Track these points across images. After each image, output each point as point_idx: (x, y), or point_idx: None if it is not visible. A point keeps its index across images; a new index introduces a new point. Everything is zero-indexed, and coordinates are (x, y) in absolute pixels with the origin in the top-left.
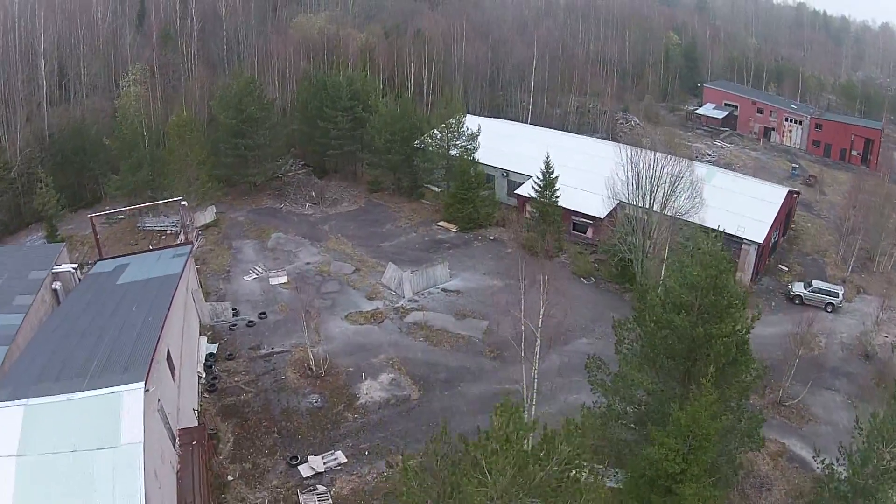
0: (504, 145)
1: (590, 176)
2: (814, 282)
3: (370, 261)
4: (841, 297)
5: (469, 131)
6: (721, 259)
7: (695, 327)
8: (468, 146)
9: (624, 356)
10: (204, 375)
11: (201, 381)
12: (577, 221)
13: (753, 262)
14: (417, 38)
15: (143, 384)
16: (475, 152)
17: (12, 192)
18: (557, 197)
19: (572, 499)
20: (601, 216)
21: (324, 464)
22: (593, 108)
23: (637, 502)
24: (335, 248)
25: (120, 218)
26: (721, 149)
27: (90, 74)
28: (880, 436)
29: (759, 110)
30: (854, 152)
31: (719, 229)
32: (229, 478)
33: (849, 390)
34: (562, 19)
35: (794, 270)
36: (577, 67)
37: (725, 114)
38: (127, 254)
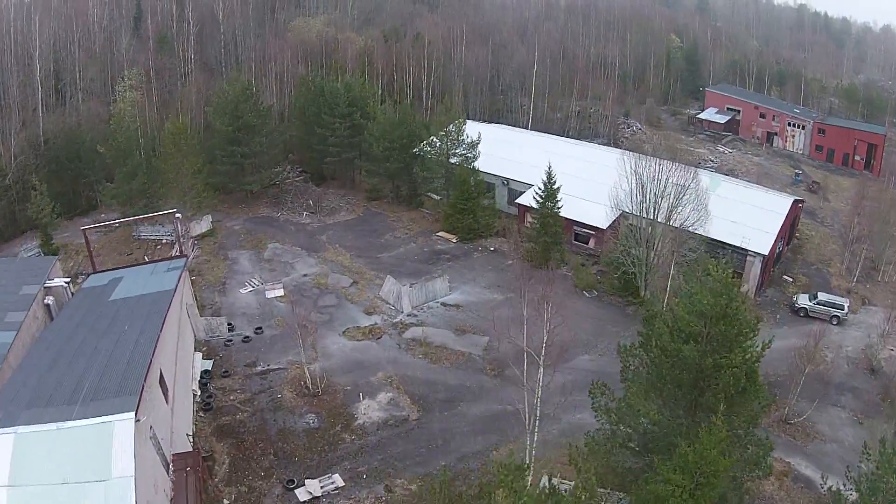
0: (505, 152)
1: (592, 184)
2: (819, 294)
3: (368, 273)
4: (846, 309)
5: (469, 139)
6: (732, 286)
7: (704, 357)
8: (468, 154)
9: (629, 384)
10: (199, 393)
11: (196, 400)
12: (578, 232)
13: (758, 274)
14: (416, 42)
15: (134, 414)
16: (475, 161)
17: (7, 199)
18: (559, 208)
19: None
20: (603, 227)
21: (321, 488)
22: (594, 112)
23: None
24: (333, 259)
25: (115, 227)
26: (724, 154)
27: (86, 79)
28: (890, 466)
29: (762, 115)
30: (857, 157)
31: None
32: (225, 502)
33: (854, 406)
34: (562, 21)
35: (799, 281)
36: (578, 71)
37: (728, 118)
38: (121, 266)
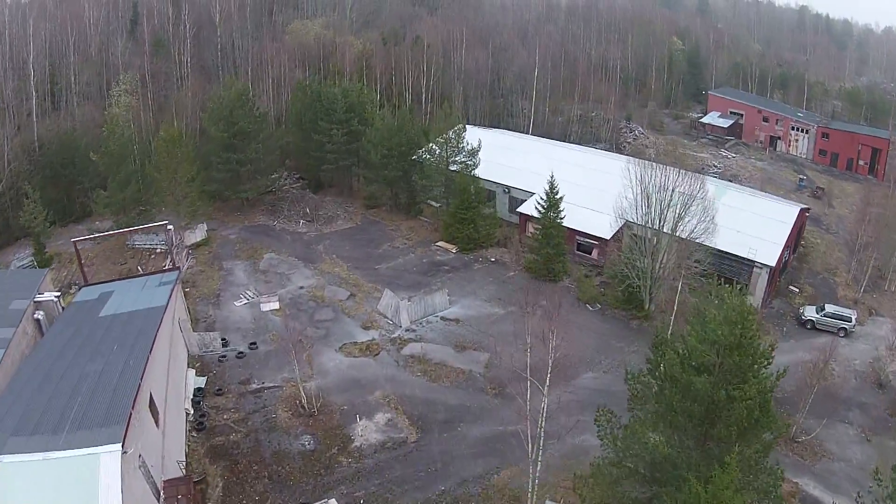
0: (505, 159)
1: (595, 193)
2: (826, 306)
3: (366, 285)
4: (854, 321)
5: (469, 146)
6: (748, 314)
7: (716, 390)
8: (468, 162)
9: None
10: (192, 412)
11: (189, 419)
12: (581, 242)
13: (765, 286)
14: (416, 45)
15: (121, 446)
16: (475, 168)
17: (0, 206)
18: (562, 218)
19: None
20: (607, 237)
21: None
22: (596, 116)
23: None
24: (330, 270)
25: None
26: (727, 159)
27: (81, 83)
28: None
29: (765, 119)
30: (861, 162)
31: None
32: None
33: (862, 422)
34: (563, 23)
35: (805, 292)
36: (580, 74)
37: (731, 122)
38: (112, 279)
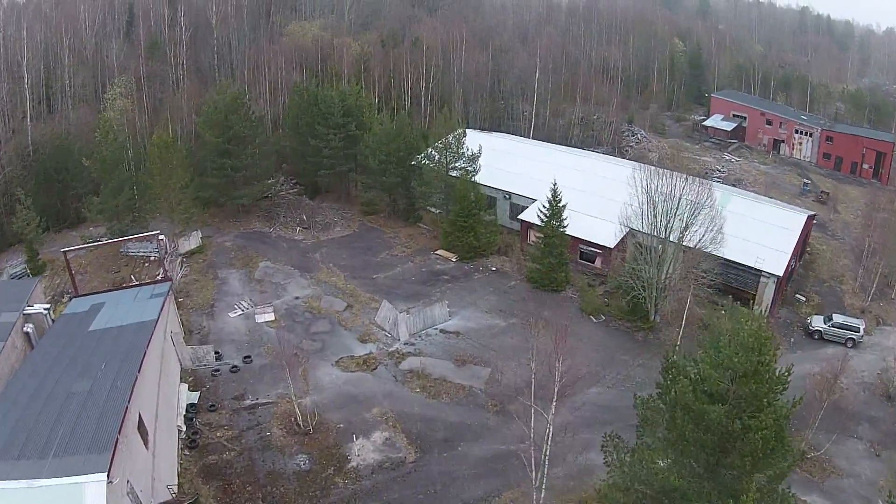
0: (506, 164)
1: (598, 199)
2: (834, 315)
3: (363, 295)
4: (862, 331)
5: (469, 151)
6: (766, 340)
7: (731, 420)
8: (468, 168)
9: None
10: (184, 429)
11: (181, 437)
12: (584, 250)
13: (772, 295)
14: (415, 47)
15: (107, 475)
16: (475, 174)
17: None
18: (565, 227)
19: None
20: (611, 246)
21: None
22: (598, 119)
23: None
24: (326, 280)
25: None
26: (730, 163)
27: (76, 86)
28: None
29: (768, 121)
30: (865, 166)
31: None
32: None
33: (871, 437)
34: (564, 24)
35: (812, 300)
36: (581, 76)
37: (734, 125)
38: (103, 290)
